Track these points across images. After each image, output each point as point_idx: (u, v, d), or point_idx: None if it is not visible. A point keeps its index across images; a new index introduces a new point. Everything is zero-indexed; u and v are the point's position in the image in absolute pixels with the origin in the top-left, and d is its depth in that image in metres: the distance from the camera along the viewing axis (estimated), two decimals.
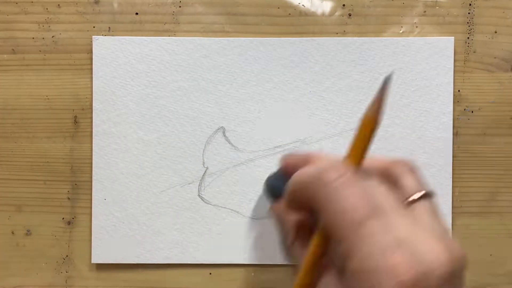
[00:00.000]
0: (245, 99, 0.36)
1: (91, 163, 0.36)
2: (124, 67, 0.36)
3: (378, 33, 0.36)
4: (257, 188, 0.36)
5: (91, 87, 0.36)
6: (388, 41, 0.35)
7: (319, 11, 0.36)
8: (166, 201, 0.36)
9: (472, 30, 0.36)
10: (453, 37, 0.35)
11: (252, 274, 0.36)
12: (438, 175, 0.35)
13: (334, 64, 0.36)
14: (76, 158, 0.36)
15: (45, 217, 0.37)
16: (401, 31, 0.36)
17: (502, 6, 0.36)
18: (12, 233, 0.37)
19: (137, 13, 0.36)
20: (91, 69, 0.36)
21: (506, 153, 0.36)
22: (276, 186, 0.29)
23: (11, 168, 0.37)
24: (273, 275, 0.36)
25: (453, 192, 0.35)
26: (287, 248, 0.26)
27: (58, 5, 0.36)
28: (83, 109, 0.36)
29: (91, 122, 0.36)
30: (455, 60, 0.36)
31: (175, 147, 0.36)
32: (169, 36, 0.36)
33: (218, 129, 0.36)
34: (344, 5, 0.36)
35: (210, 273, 0.36)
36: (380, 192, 0.21)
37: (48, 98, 0.36)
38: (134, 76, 0.36)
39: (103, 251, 0.36)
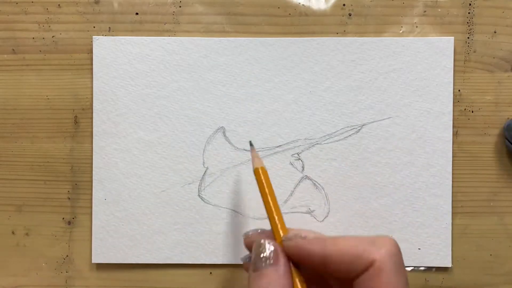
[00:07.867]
0: (245, 99, 0.36)
1: (91, 163, 0.36)
2: (124, 67, 0.36)
3: (378, 33, 0.36)
4: (257, 188, 0.36)
5: (91, 87, 0.36)
6: (388, 41, 0.35)
7: (319, 11, 0.36)
8: (166, 201, 0.36)
9: (472, 30, 0.36)
10: (453, 37, 0.35)
11: None
12: (438, 175, 0.35)
13: (334, 64, 0.36)
14: (76, 158, 0.36)
15: (45, 217, 0.37)
16: (401, 31, 0.36)
17: (502, 6, 0.36)
18: (12, 233, 0.37)
19: (137, 13, 0.36)
20: (91, 69, 0.36)
21: (505, 153, 0.36)
22: None
23: (11, 168, 0.37)
24: None
25: (453, 192, 0.35)
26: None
27: (58, 5, 0.36)
28: (83, 109, 0.36)
29: (91, 122, 0.36)
30: (455, 60, 0.36)
31: (175, 147, 0.36)
32: (169, 36, 0.36)
33: (218, 129, 0.36)
34: (344, 5, 0.36)
35: (210, 273, 0.36)
36: None
37: (48, 98, 0.36)
38: (134, 76, 0.36)
39: (103, 251, 0.36)
